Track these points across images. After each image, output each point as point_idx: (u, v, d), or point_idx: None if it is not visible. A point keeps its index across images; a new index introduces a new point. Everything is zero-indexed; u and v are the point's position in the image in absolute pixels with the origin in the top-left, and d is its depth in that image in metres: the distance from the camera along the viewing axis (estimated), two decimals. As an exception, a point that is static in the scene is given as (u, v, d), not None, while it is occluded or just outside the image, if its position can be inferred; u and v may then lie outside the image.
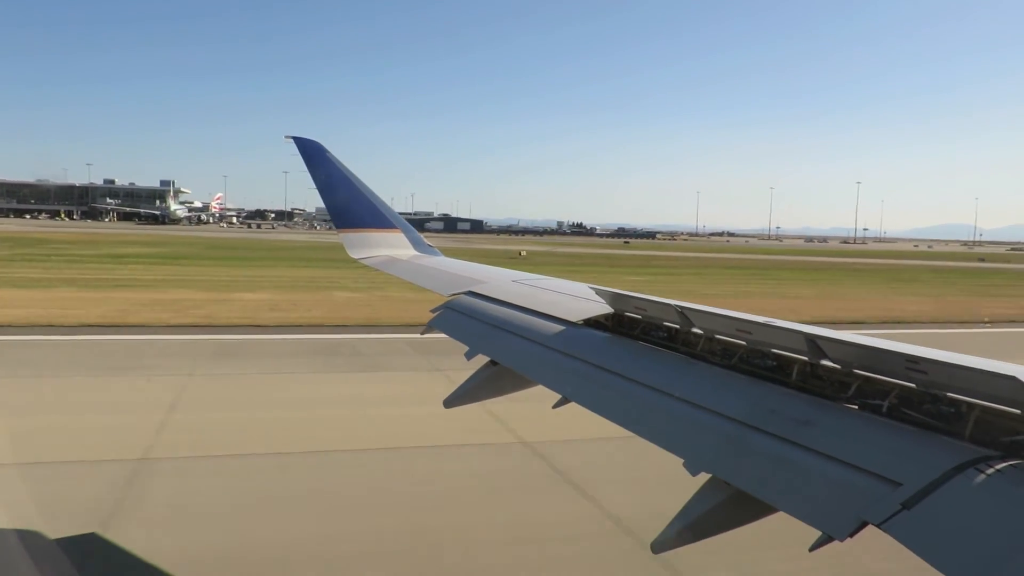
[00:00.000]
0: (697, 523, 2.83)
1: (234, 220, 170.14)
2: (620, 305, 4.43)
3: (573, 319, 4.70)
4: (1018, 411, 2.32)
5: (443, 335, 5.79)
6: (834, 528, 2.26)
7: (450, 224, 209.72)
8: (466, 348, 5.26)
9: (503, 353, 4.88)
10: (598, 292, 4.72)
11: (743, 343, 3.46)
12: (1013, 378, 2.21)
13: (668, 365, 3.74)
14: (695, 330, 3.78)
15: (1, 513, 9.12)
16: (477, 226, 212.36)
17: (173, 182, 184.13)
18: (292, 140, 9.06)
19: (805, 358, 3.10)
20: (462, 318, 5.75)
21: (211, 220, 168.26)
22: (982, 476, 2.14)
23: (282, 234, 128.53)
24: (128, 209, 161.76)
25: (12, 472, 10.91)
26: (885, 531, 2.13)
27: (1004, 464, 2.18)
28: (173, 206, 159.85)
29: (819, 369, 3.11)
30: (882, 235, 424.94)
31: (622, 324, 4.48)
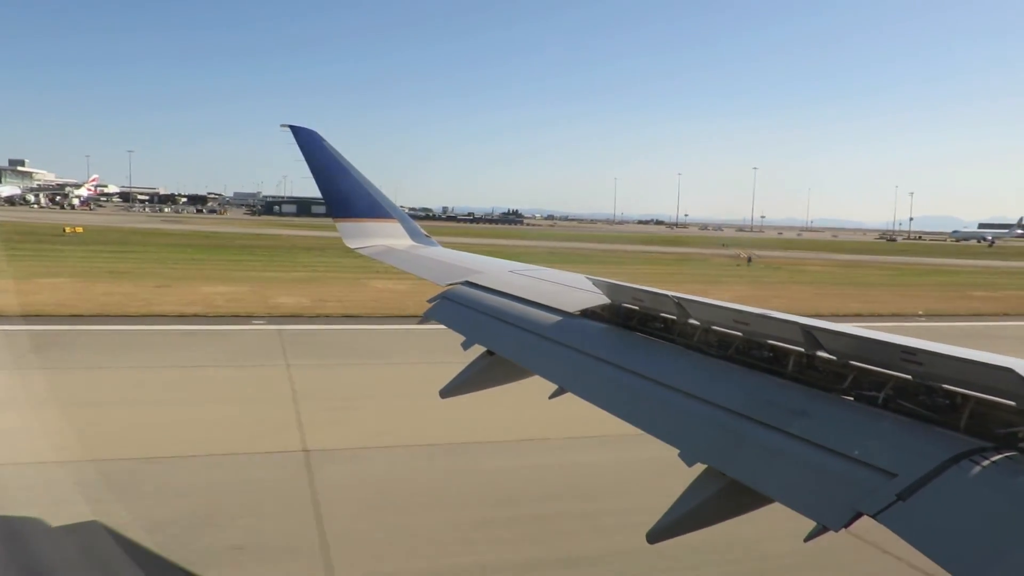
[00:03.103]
0: (693, 513, 2.84)
1: (75, 203, 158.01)
2: (617, 296, 4.42)
3: (570, 309, 4.69)
4: (1013, 403, 2.32)
5: (440, 325, 5.79)
6: (829, 519, 2.26)
7: (303, 207, 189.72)
8: (463, 338, 5.26)
9: (500, 343, 4.87)
10: (595, 283, 4.71)
11: (740, 334, 3.46)
12: (1010, 370, 2.21)
13: (665, 356, 3.74)
14: (692, 321, 3.78)
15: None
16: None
17: (25, 161, 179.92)
18: (288, 128, 9.01)
19: (801, 349, 3.10)
20: (459, 308, 5.74)
21: (44, 202, 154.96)
22: (977, 467, 2.15)
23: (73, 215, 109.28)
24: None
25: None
26: (880, 522, 2.13)
27: (999, 456, 2.18)
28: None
29: (815, 360, 3.11)
30: (809, 224, 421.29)
31: (619, 315, 4.48)
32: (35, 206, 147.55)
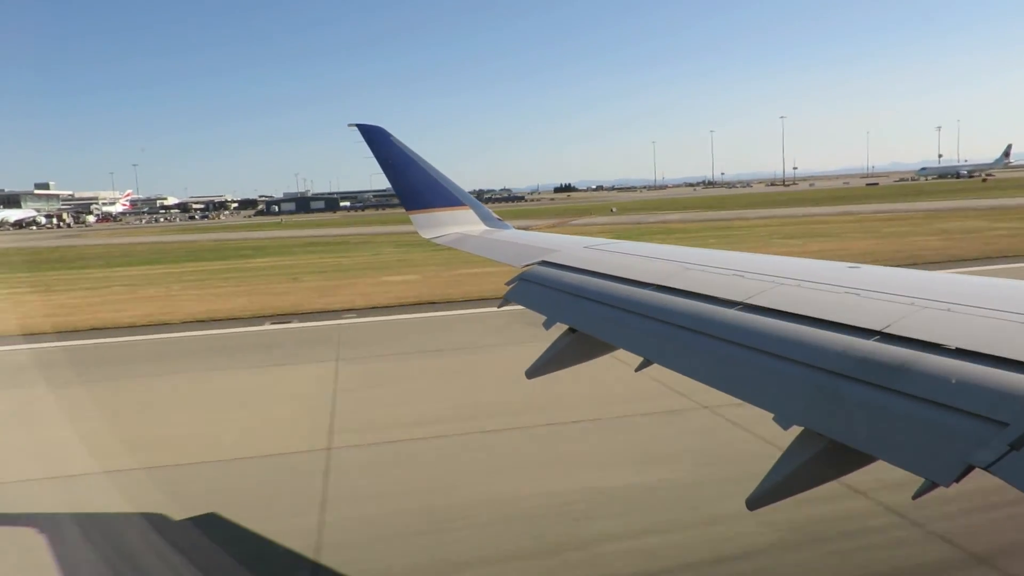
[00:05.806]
0: (792, 477, 2.80)
1: (90, 220, 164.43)
2: None
3: (649, 281, 4.67)
4: None
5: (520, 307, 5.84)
6: (938, 474, 2.19)
7: (302, 204, 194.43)
8: (544, 318, 5.30)
9: (582, 319, 4.89)
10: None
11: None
12: None
13: (750, 320, 3.69)
14: None
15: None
16: (332, 204, 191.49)
17: (50, 184, 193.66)
18: (356, 127, 9.23)
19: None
20: (537, 288, 5.78)
21: (69, 221, 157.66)
22: None
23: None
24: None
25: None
26: (993, 474, 2.06)
27: None
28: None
29: None
30: (871, 170, 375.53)
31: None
32: (33, 228, 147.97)
